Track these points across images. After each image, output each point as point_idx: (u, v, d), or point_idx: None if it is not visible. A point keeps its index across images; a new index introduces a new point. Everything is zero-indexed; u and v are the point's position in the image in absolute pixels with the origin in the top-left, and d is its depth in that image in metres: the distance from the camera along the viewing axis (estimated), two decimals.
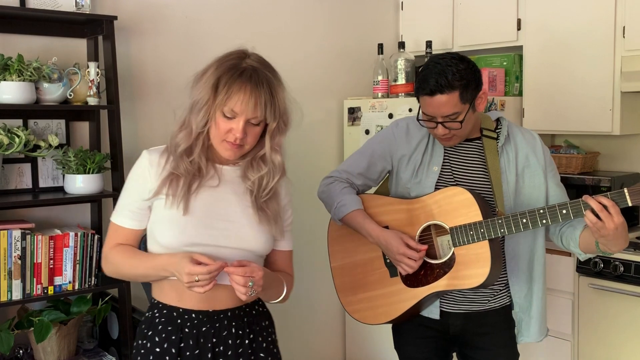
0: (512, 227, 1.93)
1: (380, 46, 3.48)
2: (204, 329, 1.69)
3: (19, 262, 2.40)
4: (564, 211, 1.88)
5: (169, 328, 1.70)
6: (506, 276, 2.11)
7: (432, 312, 2.10)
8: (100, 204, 2.77)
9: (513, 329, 2.16)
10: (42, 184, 2.69)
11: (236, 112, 1.62)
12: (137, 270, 1.72)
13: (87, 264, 2.55)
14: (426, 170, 2.10)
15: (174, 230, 1.67)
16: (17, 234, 2.39)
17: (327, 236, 2.29)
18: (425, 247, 2.01)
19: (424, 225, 2.05)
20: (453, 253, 1.99)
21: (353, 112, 3.55)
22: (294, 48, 3.50)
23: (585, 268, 2.86)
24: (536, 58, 3.26)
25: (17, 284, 2.40)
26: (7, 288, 2.38)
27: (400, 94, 3.38)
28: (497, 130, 2.10)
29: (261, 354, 1.76)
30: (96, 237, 2.58)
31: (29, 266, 2.42)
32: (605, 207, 1.79)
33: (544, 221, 1.90)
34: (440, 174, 2.08)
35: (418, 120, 2.05)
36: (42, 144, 2.54)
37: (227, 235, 1.69)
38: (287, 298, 1.84)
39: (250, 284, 1.59)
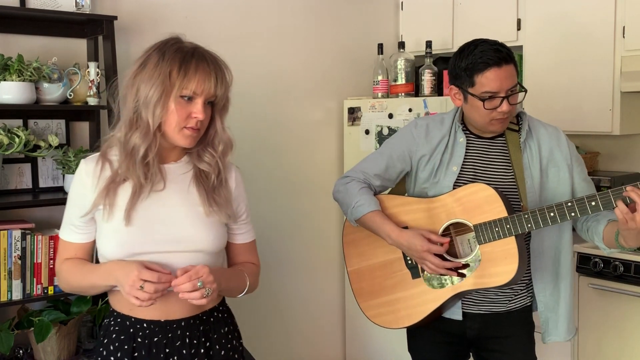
0: (539, 221, 1.89)
1: (380, 46, 3.48)
2: (156, 339, 1.64)
3: (19, 262, 2.40)
4: (593, 203, 1.83)
5: (122, 337, 1.65)
6: (528, 275, 2.07)
7: (455, 313, 2.06)
8: None
9: (532, 331, 2.13)
10: (42, 184, 2.68)
11: (197, 92, 1.59)
12: (85, 281, 1.67)
13: None
14: (445, 171, 2.06)
15: (114, 242, 1.62)
16: (17, 234, 2.39)
17: (342, 239, 2.25)
18: (447, 239, 1.97)
19: (446, 223, 2.01)
20: (478, 250, 1.95)
21: (353, 112, 3.55)
22: (294, 48, 3.51)
23: (585, 268, 2.86)
24: (536, 58, 3.25)
25: (17, 284, 2.40)
26: (7, 288, 2.38)
27: (400, 94, 3.38)
28: (518, 125, 2.06)
29: None
30: None
31: (29, 266, 2.42)
32: None
33: (572, 214, 1.86)
34: (460, 173, 2.04)
35: (482, 101, 1.92)
36: (42, 144, 2.54)
37: (171, 239, 1.63)
38: (255, 287, 1.80)
39: (199, 284, 1.53)
